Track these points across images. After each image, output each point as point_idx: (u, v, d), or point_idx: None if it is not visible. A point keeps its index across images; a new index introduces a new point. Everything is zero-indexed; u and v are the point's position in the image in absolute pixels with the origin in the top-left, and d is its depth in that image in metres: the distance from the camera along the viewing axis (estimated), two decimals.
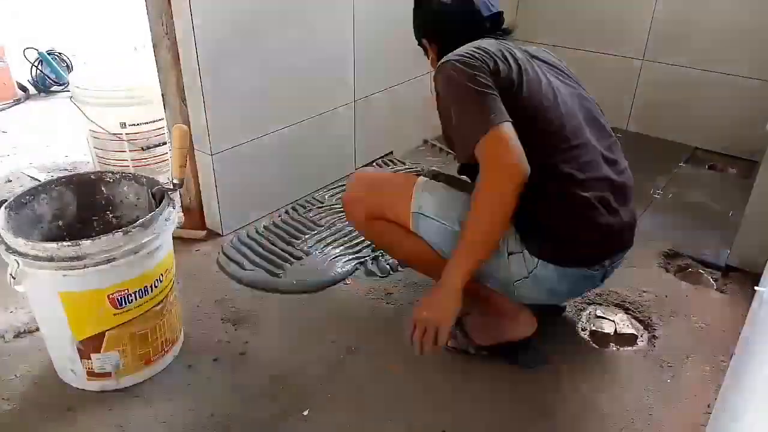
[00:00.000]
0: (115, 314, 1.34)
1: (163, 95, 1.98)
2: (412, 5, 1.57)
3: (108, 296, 1.31)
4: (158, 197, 1.44)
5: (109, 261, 1.26)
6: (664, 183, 2.50)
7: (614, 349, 1.65)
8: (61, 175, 1.52)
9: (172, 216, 1.39)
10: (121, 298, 1.33)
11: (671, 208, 2.32)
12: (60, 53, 3.71)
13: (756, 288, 1.34)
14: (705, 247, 2.07)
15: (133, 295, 1.34)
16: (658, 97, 2.91)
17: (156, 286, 1.39)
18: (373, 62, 2.42)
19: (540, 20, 3.13)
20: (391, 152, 2.70)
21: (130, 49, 4.48)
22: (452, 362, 1.57)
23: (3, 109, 3.36)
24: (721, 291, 1.86)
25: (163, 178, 2.34)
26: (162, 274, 1.40)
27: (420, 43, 1.61)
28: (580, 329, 1.70)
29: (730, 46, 2.64)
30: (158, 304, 1.42)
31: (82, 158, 2.69)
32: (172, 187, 1.44)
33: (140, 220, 1.31)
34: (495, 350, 1.54)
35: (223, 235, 2.07)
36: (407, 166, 2.58)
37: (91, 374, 1.42)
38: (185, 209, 2.17)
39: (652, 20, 2.80)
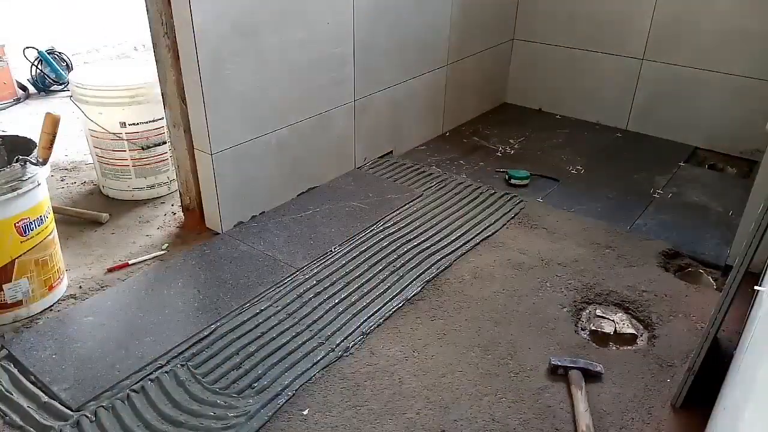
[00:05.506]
0: (22, 241, 1.61)
1: (163, 95, 1.98)
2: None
3: (14, 225, 1.58)
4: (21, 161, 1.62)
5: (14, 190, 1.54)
6: (664, 183, 2.50)
7: (614, 348, 1.65)
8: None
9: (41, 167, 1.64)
10: (25, 226, 1.60)
11: (671, 208, 2.32)
12: (60, 53, 3.71)
13: (756, 288, 1.34)
14: (705, 247, 2.07)
15: (33, 223, 1.61)
16: (658, 97, 2.91)
17: (47, 217, 1.68)
18: (373, 62, 2.42)
19: (540, 20, 3.13)
20: (391, 152, 2.70)
21: (130, 49, 4.49)
22: (452, 362, 1.57)
23: (3, 109, 3.36)
24: (721, 291, 1.85)
25: (163, 177, 2.35)
26: (46, 209, 1.69)
27: None
28: (580, 329, 1.70)
29: (730, 46, 2.64)
30: (50, 234, 1.70)
31: (82, 157, 2.69)
32: (35, 162, 1.61)
33: (23, 157, 1.57)
34: None
35: (222, 234, 2.07)
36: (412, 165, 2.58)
37: (4, 306, 1.62)
38: (185, 209, 2.17)
39: (652, 20, 2.80)
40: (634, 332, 1.69)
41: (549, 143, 2.90)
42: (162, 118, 2.16)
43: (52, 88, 3.61)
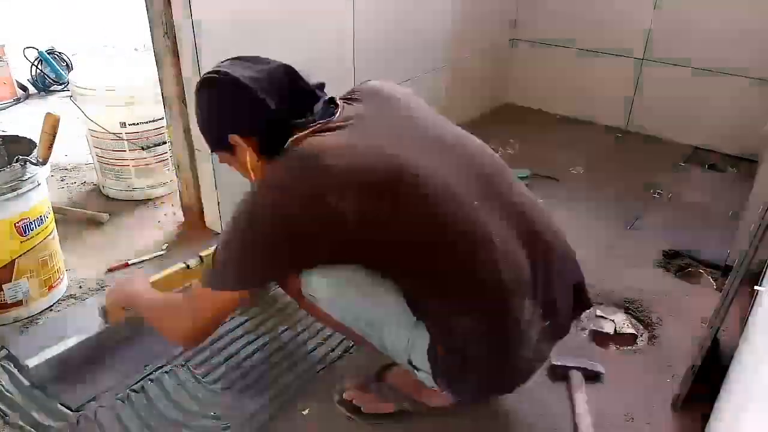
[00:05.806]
0: (22, 242, 1.60)
1: (163, 95, 1.98)
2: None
3: (14, 225, 1.57)
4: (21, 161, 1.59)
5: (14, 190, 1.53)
6: (664, 183, 2.50)
7: (614, 348, 1.65)
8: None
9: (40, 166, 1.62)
10: (25, 226, 1.59)
11: (671, 208, 2.32)
12: (60, 53, 3.71)
13: (756, 288, 1.34)
14: (705, 247, 2.07)
15: (33, 223, 1.61)
16: (658, 97, 2.91)
17: (47, 217, 1.67)
18: (373, 62, 2.41)
19: (540, 20, 3.13)
20: None
21: (130, 49, 4.48)
22: None
23: (3, 109, 3.36)
24: (721, 291, 1.85)
25: (163, 177, 2.35)
26: (46, 209, 1.68)
27: (221, 146, 1.25)
28: (580, 329, 1.70)
29: (729, 46, 2.64)
30: (50, 234, 1.69)
31: (82, 157, 2.69)
32: (35, 162, 1.59)
33: (23, 157, 1.56)
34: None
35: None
36: None
37: (4, 306, 1.62)
38: (185, 208, 2.17)
39: (652, 20, 2.80)
40: (634, 332, 1.69)
41: (549, 143, 2.90)
42: (162, 118, 2.16)
43: (52, 88, 3.60)
